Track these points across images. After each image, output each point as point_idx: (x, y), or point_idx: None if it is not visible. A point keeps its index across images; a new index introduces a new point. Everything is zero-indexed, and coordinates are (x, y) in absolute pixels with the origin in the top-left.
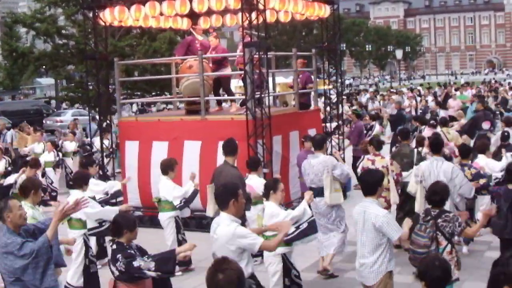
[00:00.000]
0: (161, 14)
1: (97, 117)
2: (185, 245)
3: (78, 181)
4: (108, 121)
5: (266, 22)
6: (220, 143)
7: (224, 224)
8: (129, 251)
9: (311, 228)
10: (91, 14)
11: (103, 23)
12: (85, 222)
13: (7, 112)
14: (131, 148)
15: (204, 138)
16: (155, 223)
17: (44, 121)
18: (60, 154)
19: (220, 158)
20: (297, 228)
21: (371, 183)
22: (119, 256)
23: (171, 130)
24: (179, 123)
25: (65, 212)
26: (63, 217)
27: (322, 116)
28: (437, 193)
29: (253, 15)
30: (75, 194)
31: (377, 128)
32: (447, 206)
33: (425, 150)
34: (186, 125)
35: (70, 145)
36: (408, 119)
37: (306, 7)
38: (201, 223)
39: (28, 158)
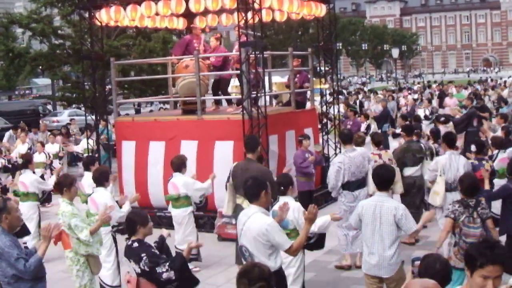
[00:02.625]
0: (157, 14)
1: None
2: (191, 245)
3: (100, 178)
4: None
5: (262, 21)
6: (217, 143)
7: (257, 217)
8: (152, 250)
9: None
10: (87, 14)
11: (99, 23)
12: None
13: (3, 112)
14: (128, 148)
15: (200, 138)
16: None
17: (40, 121)
18: (51, 156)
19: (217, 158)
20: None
21: (386, 178)
22: (143, 255)
23: (167, 130)
24: (176, 123)
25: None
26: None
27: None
28: (477, 184)
29: (249, 14)
30: (101, 192)
31: (373, 127)
32: (459, 197)
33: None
34: (183, 124)
35: (53, 147)
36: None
37: (302, 6)
38: (197, 222)
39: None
